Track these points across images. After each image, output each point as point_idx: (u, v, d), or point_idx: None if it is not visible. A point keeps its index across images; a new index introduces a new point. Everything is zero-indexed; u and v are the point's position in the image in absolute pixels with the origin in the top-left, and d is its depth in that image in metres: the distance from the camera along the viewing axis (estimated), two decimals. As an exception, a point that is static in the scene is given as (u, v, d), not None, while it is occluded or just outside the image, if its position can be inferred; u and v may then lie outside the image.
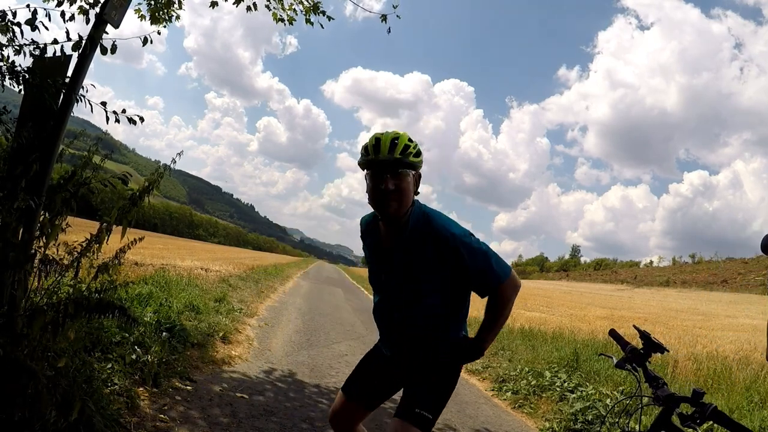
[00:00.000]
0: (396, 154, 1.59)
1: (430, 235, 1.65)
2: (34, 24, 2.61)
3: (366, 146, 1.66)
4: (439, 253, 1.64)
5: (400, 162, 1.60)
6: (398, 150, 1.60)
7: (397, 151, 1.60)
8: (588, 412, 4.04)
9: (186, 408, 3.04)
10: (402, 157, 1.60)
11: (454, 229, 1.65)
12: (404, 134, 1.64)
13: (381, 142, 1.61)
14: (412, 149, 1.62)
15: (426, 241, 1.65)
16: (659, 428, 1.43)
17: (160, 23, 3.91)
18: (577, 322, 11.45)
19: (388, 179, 1.61)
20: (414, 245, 1.68)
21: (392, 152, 1.59)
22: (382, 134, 1.63)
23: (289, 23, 4.56)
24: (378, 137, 1.62)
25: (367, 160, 1.64)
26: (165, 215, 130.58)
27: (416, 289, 1.72)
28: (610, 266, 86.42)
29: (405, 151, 1.60)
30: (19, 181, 2.18)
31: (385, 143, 1.60)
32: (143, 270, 8.16)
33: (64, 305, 2.01)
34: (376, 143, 1.62)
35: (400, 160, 1.60)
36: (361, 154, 1.67)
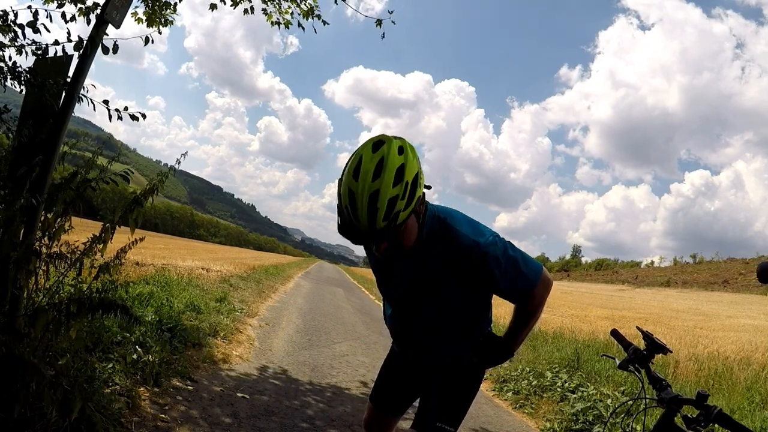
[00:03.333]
0: (379, 222, 1.19)
1: (448, 246, 1.38)
2: (36, 26, 2.61)
3: (340, 204, 1.24)
4: (461, 265, 1.39)
5: (387, 229, 1.21)
6: (381, 215, 1.18)
7: (380, 219, 1.18)
8: (589, 413, 4.04)
9: (187, 408, 3.04)
10: (388, 224, 1.20)
11: (477, 237, 1.37)
12: (387, 173, 1.18)
13: (357, 203, 1.18)
14: (400, 202, 1.19)
15: (444, 252, 1.40)
16: (662, 430, 1.43)
17: (156, 26, 3.92)
18: (578, 322, 11.43)
19: (380, 244, 1.30)
20: (430, 257, 1.42)
21: (373, 220, 1.19)
22: (358, 176, 1.19)
23: (285, 27, 4.58)
24: (352, 191, 1.19)
25: (345, 227, 1.25)
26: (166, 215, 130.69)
27: (436, 304, 1.53)
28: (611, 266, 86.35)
29: (391, 213, 1.19)
30: (21, 180, 2.18)
31: (363, 207, 1.17)
32: (144, 270, 8.16)
33: (66, 305, 2.01)
34: (350, 203, 1.20)
35: (386, 229, 1.21)
36: (337, 209, 1.26)
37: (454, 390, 1.68)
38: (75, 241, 2.37)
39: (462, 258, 1.38)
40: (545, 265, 1.49)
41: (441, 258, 1.40)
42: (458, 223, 1.41)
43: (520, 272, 1.42)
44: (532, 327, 1.58)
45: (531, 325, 1.55)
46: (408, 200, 1.21)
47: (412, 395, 1.88)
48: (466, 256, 1.37)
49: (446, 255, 1.40)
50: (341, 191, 1.23)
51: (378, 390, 1.92)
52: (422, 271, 1.46)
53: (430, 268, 1.44)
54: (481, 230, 1.41)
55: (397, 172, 1.19)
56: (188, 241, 70.48)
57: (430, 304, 1.54)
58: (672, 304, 27.51)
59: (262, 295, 10.26)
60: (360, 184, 1.18)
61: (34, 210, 2.29)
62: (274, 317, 7.70)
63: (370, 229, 1.20)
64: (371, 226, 1.20)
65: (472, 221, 1.45)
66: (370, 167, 1.18)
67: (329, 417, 3.44)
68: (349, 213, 1.21)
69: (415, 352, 1.76)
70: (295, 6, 4.43)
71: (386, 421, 1.91)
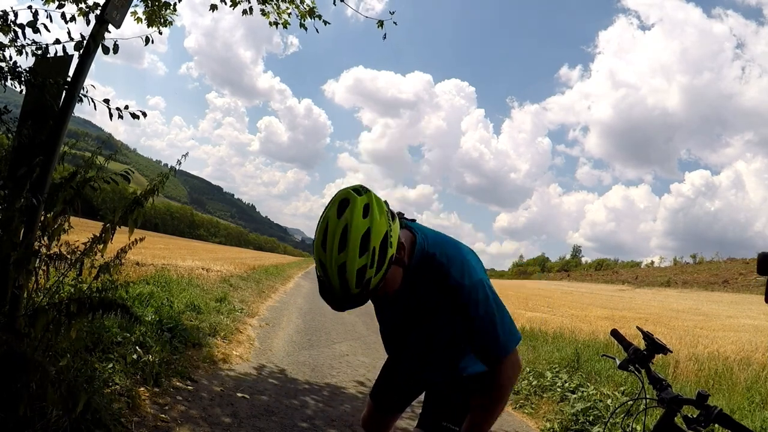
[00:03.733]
0: (352, 289, 1.18)
1: (437, 278, 1.36)
2: (36, 26, 2.61)
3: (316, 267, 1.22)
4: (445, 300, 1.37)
5: (362, 295, 1.20)
6: (352, 284, 1.17)
7: (353, 286, 1.17)
8: (589, 413, 4.03)
9: (187, 408, 3.03)
10: (361, 291, 1.19)
11: (463, 280, 1.33)
12: (352, 250, 1.15)
13: (328, 274, 1.18)
14: (370, 270, 1.17)
15: (430, 288, 1.38)
16: (662, 430, 1.43)
17: (156, 26, 3.92)
18: (578, 322, 11.43)
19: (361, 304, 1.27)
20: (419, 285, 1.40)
21: (346, 289, 1.18)
22: (326, 254, 1.17)
23: (283, 27, 4.58)
24: (322, 261, 1.18)
25: (324, 293, 1.26)
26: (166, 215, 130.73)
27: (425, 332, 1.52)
28: (611, 266, 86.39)
29: (362, 281, 1.17)
30: (21, 180, 2.18)
31: (333, 278, 1.17)
32: (144, 270, 8.16)
33: (67, 304, 2.01)
34: (323, 272, 1.19)
35: (360, 294, 1.20)
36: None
37: (458, 393, 1.67)
38: (75, 241, 2.37)
39: (446, 292, 1.35)
40: (545, 265, 1.45)
41: (431, 285, 1.38)
42: (448, 260, 1.36)
43: (495, 334, 1.36)
44: (499, 414, 1.43)
45: (497, 410, 1.42)
46: (378, 266, 1.18)
47: (413, 394, 1.88)
48: (450, 292, 1.35)
49: (434, 289, 1.37)
50: (314, 256, 1.22)
51: (379, 387, 1.92)
52: (411, 299, 1.44)
53: (419, 295, 1.42)
54: (469, 271, 1.36)
55: (362, 241, 1.16)
56: (188, 241, 70.49)
57: (419, 330, 1.52)
58: (672, 304, 27.51)
59: (262, 295, 10.26)
60: (327, 255, 1.17)
61: (34, 210, 2.29)
62: (274, 317, 7.70)
63: (344, 296, 1.20)
64: (345, 294, 1.19)
65: (462, 258, 1.39)
66: (336, 237, 1.16)
67: (329, 417, 3.44)
68: (323, 283, 1.21)
69: (404, 378, 1.77)
70: (293, 7, 4.44)
71: (385, 419, 1.91)
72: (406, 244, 1.36)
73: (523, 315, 12.31)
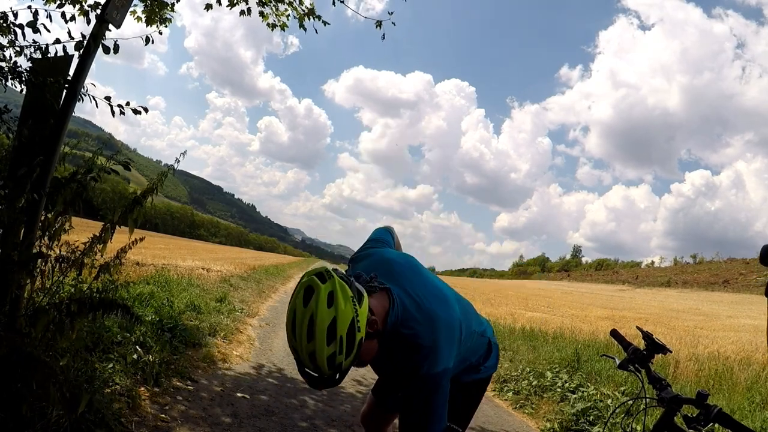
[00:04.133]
0: (325, 371, 1.20)
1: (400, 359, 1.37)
2: (36, 26, 2.61)
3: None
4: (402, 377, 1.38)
5: (334, 377, 1.23)
6: (324, 368, 1.19)
7: (325, 369, 1.19)
8: (589, 413, 4.04)
9: (187, 408, 3.04)
10: (333, 372, 1.21)
11: (423, 368, 1.32)
12: (319, 340, 1.17)
13: (302, 359, 1.21)
14: (339, 356, 1.19)
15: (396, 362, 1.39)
16: (662, 430, 1.43)
17: (155, 25, 3.92)
18: (578, 322, 11.43)
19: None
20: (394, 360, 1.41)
21: (319, 370, 1.20)
22: (297, 342, 1.20)
23: (281, 29, 4.58)
24: (295, 347, 1.21)
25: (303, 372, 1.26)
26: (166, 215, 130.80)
27: None
28: (612, 267, 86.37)
29: (333, 364, 1.19)
30: (22, 180, 2.18)
31: (307, 362, 1.21)
32: (144, 270, 8.16)
33: (67, 304, 2.02)
34: (296, 357, 1.23)
35: (333, 375, 1.22)
36: None
37: (458, 395, 1.69)
38: (75, 241, 2.37)
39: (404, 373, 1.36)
40: (545, 265, 1.45)
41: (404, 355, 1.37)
42: (416, 343, 1.34)
43: (425, 423, 1.35)
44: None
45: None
46: (347, 351, 1.20)
47: None
48: (406, 375, 1.35)
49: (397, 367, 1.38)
50: (288, 342, 1.25)
51: (380, 385, 1.92)
52: (389, 364, 1.46)
53: (395, 360, 1.41)
54: (432, 362, 1.34)
55: (328, 331, 1.17)
56: (188, 241, 70.51)
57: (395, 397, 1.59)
58: (672, 304, 27.52)
59: (262, 295, 10.26)
60: (298, 343, 1.20)
61: (35, 210, 2.29)
62: (275, 317, 7.70)
63: (320, 377, 1.22)
64: (320, 376, 1.22)
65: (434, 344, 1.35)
66: (303, 327, 1.19)
67: (329, 416, 3.44)
68: (295, 354, 1.23)
69: None
70: (291, 9, 4.44)
71: (385, 416, 1.92)
72: (381, 311, 1.34)
73: (523, 315, 12.31)
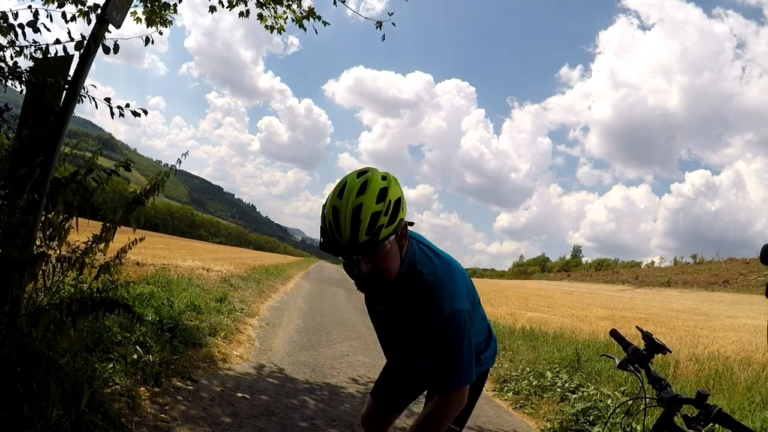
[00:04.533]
0: (362, 235, 1.20)
1: (418, 303, 1.39)
2: (36, 26, 2.61)
3: (323, 221, 1.26)
4: (423, 322, 1.41)
5: (369, 244, 1.22)
6: (363, 229, 1.20)
7: (363, 232, 1.20)
8: (589, 413, 4.04)
9: (187, 408, 3.04)
10: (370, 239, 1.21)
11: (444, 306, 1.36)
12: (371, 191, 1.22)
13: (340, 218, 1.21)
14: (383, 218, 1.21)
15: (415, 307, 1.42)
16: (662, 430, 1.43)
17: (156, 26, 3.92)
18: (578, 322, 11.43)
19: (360, 261, 1.26)
20: (404, 307, 1.46)
21: (356, 233, 1.20)
22: (342, 195, 1.23)
23: (279, 32, 4.58)
24: (336, 207, 1.22)
25: (327, 243, 1.26)
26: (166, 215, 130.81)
27: (407, 341, 1.61)
28: (612, 266, 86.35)
29: (373, 228, 1.21)
30: (22, 181, 2.18)
31: (346, 220, 1.20)
32: (144, 270, 8.16)
33: (68, 304, 2.02)
34: (334, 219, 1.22)
35: (368, 243, 1.22)
36: (321, 230, 1.27)
37: None
38: (75, 240, 2.37)
39: (428, 310, 1.38)
40: (546, 265, 1.47)
41: (417, 300, 1.40)
42: (435, 281, 1.39)
43: (458, 365, 1.39)
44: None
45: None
46: (391, 218, 1.23)
47: (413, 393, 1.89)
48: (430, 311, 1.37)
49: (421, 300, 1.39)
50: (325, 210, 1.26)
51: (380, 386, 1.93)
52: (401, 311, 1.50)
53: (407, 307, 1.46)
54: (453, 298, 1.38)
55: (380, 191, 1.23)
56: (188, 241, 70.52)
57: (411, 342, 1.60)
58: (672, 305, 27.51)
59: (262, 295, 10.26)
60: (344, 200, 1.22)
61: (36, 210, 2.29)
62: (275, 317, 7.71)
63: (352, 240, 1.21)
64: (353, 238, 1.21)
65: (450, 283, 1.41)
66: (355, 186, 1.23)
67: (329, 417, 3.44)
68: (332, 228, 1.23)
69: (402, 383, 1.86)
70: (290, 12, 4.44)
71: (385, 418, 1.92)
72: (404, 242, 1.36)
73: (523, 315, 12.31)
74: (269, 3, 4.39)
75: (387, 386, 1.91)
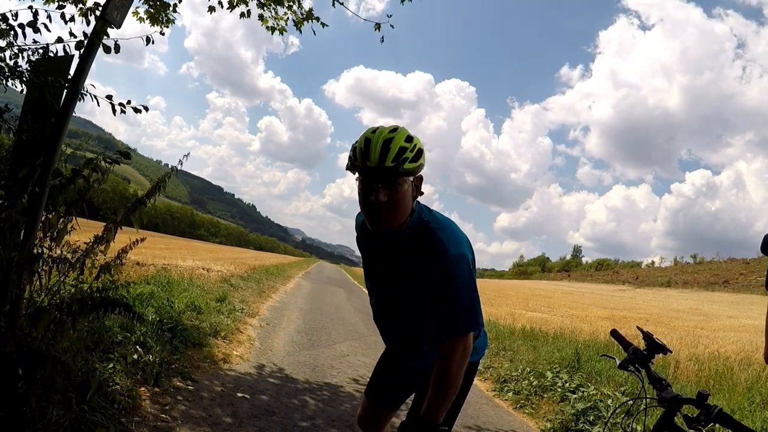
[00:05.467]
0: (388, 161, 1.33)
1: (425, 247, 1.43)
2: (36, 26, 2.61)
3: (355, 148, 1.40)
4: (429, 267, 1.43)
5: (393, 171, 1.34)
6: (391, 156, 1.34)
7: (390, 158, 1.34)
8: (590, 413, 4.04)
9: (187, 408, 3.04)
10: (395, 165, 1.34)
11: (452, 250, 1.41)
12: (401, 132, 1.38)
13: (371, 146, 1.35)
14: (409, 153, 1.36)
15: (421, 254, 1.44)
16: (662, 430, 1.43)
17: (159, 25, 3.93)
18: (578, 322, 11.43)
19: (380, 189, 1.36)
20: (410, 256, 1.47)
21: (384, 159, 1.34)
22: (375, 132, 1.39)
23: (280, 33, 4.58)
24: (368, 138, 1.37)
25: (354, 167, 1.39)
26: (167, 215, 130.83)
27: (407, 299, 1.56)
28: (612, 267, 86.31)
29: (399, 157, 1.34)
30: (22, 181, 2.18)
31: (376, 147, 1.34)
32: (145, 270, 8.16)
33: (68, 304, 2.02)
34: (365, 146, 1.36)
35: (392, 169, 1.34)
36: (349, 157, 1.42)
37: None
38: (76, 241, 2.37)
39: (432, 257, 1.42)
40: (546, 265, 1.47)
41: (420, 252, 1.44)
42: (443, 232, 1.45)
43: (464, 307, 1.41)
44: (453, 395, 1.44)
45: (449, 391, 1.42)
46: (415, 156, 1.38)
47: (407, 390, 1.89)
48: (435, 257, 1.41)
49: (424, 254, 1.43)
50: (357, 143, 1.40)
51: (373, 384, 1.93)
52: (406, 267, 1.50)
53: (408, 259, 1.48)
54: (457, 243, 1.44)
55: (408, 136, 1.39)
56: (189, 241, 70.53)
57: (404, 294, 1.56)
58: (672, 305, 27.50)
59: (262, 295, 10.26)
60: (376, 134, 1.38)
61: (35, 210, 2.29)
62: (275, 317, 7.71)
63: (379, 164, 1.34)
64: (381, 163, 1.34)
65: (454, 232, 1.47)
66: (387, 128, 1.41)
67: (330, 416, 3.44)
68: (362, 153, 1.36)
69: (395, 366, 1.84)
70: (291, 13, 4.44)
71: (381, 416, 1.92)
72: None
73: (523, 315, 12.31)
74: (270, 4, 4.40)
75: (381, 384, 1.91)
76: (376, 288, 1.71)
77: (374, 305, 1.77)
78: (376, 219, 1.41)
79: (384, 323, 1.76)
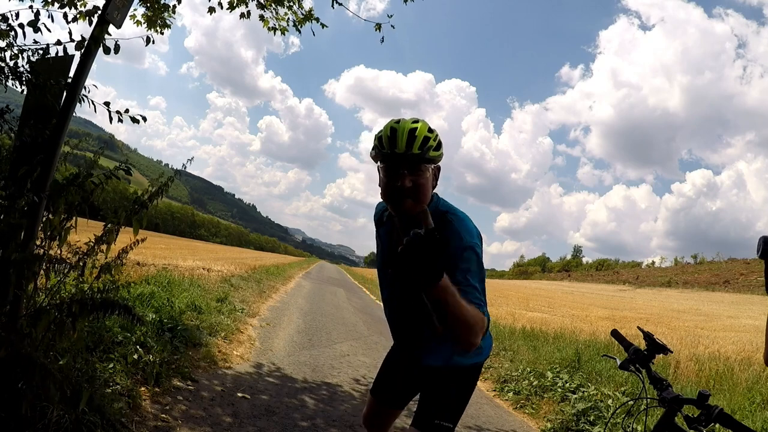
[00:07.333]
0: (414, 149, 1.42)
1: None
2: (37, 26, 2.61)
3: (380, 137, 1.48)
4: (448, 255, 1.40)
5: (419, 157, 1.43)
6: (417, 144, 1.42)
7: (416, 146, 1.42)
8: (590, 413, 4.04)
9: (188, 408, 3.04)
10: (421, 153, 1.43)
11: (465, 236, 1.47)
12: (423, 124, 1.46)
13: (398, 134, 1.43)
14: (432, 142, 1.45)
15: None
16: (663, 430, 1.43)
17: (156, 28, 3.93)
18: (578, 322, 11.43)
19: (405, 175, 1.44)
20: None
21: (410, 147, 1.42)
22: (399, 123, 1.46)
23: (282, 33, 4.58)
24: (394, 127, 1.44)
25: (382, 154, 1.46)
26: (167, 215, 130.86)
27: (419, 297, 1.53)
28: (612, 267, 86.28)
29: (425, 145, 1.43)
30: (23, 181, 2.18)
31: (402, 135, 1.42)
32: (145, 270, 8.16)
33: (68, 305, 2.02)
34: (391, 134, 1.44)
35: (418, 156, 1.43)
36: (373, 146, 1.50)
37: (452, 387, 1.70)
38: (76, 241, 2.37)
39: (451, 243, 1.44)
40: (546, 265, 1.47)
41: None
42: (456, 219, 1.52)
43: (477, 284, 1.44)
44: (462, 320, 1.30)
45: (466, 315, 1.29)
46: (437, 145, 1.47)
47: (413, 389, 1.89)
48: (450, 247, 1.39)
49: None
50: (382, 132, 1.47)
51: (379, 383, 1.94)
52: None
53: None
54: (472, 234, 1.50)
55: (429, 128, 1.47)
56: (189, 241, 70.54)
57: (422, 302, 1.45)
58: (673, 305, 27.49)
59: (262, 295, 10.26)
60: (401, 124, 1.45)
61: (36, 210, 2.29)
62: (275, 317, 7.71)
63: (406, 151, 1.42)
64: (407, 150, 1.42)
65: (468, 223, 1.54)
66: (409, 119, 1.48)
67: (330, 417, 3.44)
68: (389, 141, 1.44)
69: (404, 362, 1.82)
70: (291, 13, 4.44)
71: (386, 415, 1.93)
72: None
73: (523, 315, 12.31)
74: (270, 4, 4.40)
75: (387, 382, 1.91)
76: (389, 282, 1.72)
77: (386, 300, 1.77)
78: (399, 204, 1.47)
79: (395, 317, 1.77)
